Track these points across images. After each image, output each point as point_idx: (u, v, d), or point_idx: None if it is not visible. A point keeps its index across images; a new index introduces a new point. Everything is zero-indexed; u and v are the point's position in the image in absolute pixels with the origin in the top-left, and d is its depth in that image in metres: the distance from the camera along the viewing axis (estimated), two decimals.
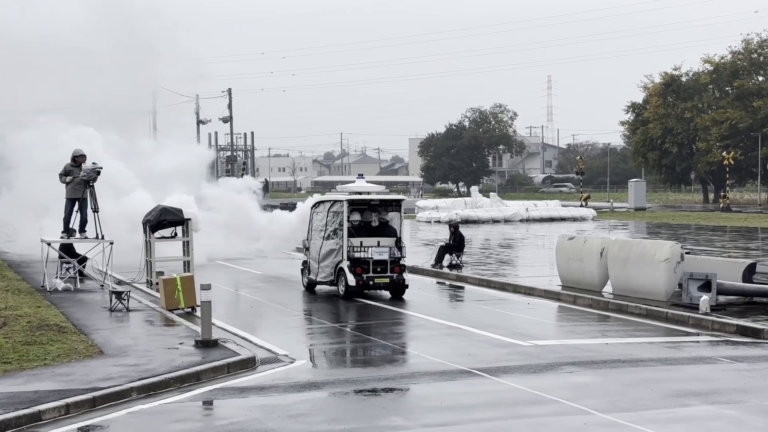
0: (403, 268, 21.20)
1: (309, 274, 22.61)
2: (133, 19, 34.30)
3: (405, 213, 22.57)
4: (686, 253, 19.99)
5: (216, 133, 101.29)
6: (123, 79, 33.72)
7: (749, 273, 19.10)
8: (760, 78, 78.95)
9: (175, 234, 23.37)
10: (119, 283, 22.74)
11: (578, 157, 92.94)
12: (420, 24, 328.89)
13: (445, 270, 26.34)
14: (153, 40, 34.17)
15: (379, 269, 20.93)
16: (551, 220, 55.79)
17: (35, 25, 33.86)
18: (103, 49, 33.20)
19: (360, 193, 21.86)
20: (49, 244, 21.95)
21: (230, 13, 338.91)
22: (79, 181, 22.11)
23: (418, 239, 39.15)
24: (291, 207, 34.59)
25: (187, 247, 23.28)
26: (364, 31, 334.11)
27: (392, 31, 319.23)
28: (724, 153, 70.87)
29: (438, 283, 24.86)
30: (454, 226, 28.69)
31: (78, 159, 22.44)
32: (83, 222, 22.48)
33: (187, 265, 22.93)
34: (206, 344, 14.42)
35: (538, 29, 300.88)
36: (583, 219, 56.14)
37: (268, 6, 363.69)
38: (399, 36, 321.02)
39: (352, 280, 20.77)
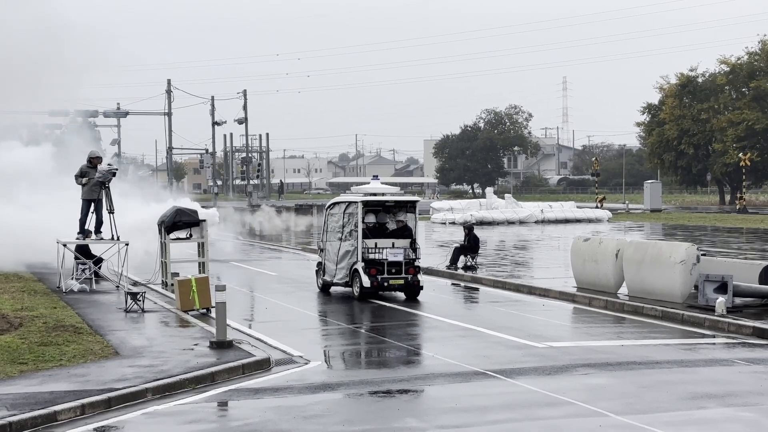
0: (417, 270, 21.20)
1: (324, 276, 22.61)
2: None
3: (420, 214, 22.55)
4: (702, 254, 19.90)
5: (231, 134, 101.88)
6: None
7: (766, 275, 18.99)
8: None
9: (191, 235, 23.43)
10: (135, 284, 22.81)
11: (594, 159, 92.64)
12: (435, 25, 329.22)
13: (460, 271, 26.30)
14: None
15: (393, 271, 20.93)
16: (566, 221, 55.69)
17: None
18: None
19: (375, 195, 21.87)
20: (65, 245, 22.04)
21: (245, 15, 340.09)
22: (95, 183, 22.21)
23: (433, 240, 39.14)
24: (306, 208, 34.55)
25: (202, 248, 23.33)
26: (379, 32, 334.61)
27: (407, 32, 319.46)
28: (740, 154, 70.49)
29: (453, 284, 24.82)
30: (468, 228, 28.65)
31: (94, 160, 22.53)
32: (99, 223, 22.56)
33: (202, 267, 22.99)
34: (221, 345, 14.45)
35: (554, 30, 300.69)
36: (598, 220, 55.97)
37: (283, 7, 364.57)
38: (414, 37, 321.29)
39: (366, 281, 20.77)
